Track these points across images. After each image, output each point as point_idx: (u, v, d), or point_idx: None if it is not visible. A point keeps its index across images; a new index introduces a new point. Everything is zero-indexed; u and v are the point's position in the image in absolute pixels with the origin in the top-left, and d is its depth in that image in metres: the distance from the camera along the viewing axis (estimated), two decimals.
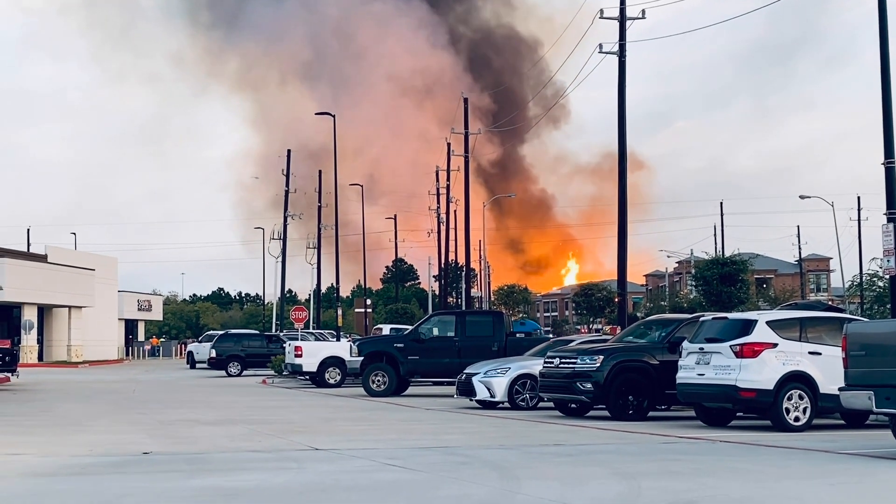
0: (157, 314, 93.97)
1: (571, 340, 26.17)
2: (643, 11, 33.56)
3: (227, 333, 53.86)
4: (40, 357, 63.68)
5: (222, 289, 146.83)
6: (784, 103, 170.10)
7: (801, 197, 71.01)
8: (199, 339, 66.76)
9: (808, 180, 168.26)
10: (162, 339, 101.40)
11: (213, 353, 47.98)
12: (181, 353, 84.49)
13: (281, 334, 50.98)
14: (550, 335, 48.58)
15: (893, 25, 23.46)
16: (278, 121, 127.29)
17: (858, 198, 78.11)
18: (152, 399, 28.97)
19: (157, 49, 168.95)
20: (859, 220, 77.13)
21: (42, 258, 67.26)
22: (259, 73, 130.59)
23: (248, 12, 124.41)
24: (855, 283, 77.63)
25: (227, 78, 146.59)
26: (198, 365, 59.80)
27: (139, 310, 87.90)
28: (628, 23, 33.09)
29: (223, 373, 46.60)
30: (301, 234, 75.21)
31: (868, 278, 70.08)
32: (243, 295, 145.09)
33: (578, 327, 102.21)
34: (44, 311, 65.76)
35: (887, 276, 26.09)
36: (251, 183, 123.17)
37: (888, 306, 34.74)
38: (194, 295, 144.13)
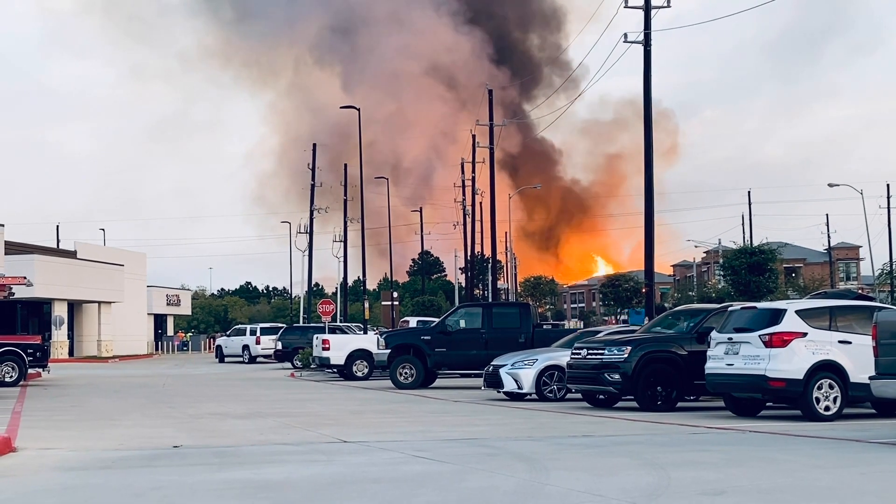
0: (185, 309, 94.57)
1: (599, 331, 26.10)
2: (668, 0, 33.40)
3: (292, 326, 54.87)
4: (71, 352, 64.25)
5: (250, 283, 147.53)
6: (812, 91, 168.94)
7: (830, 185, 70.50)
8: (228, 333, 67.12)
9: (837, 168, 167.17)
10: (190, 334, 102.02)
11: (279, 346, 50.05)
12: (210, 348, 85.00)
13: (350, 326, 51.10)
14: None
15: None
16: (298, 110, 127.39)
17: (888, 185, 77.51)
18: (182, 393, 29.16)
19: (176, 44, 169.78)
20: (889, 207, 76.50)
21: (71, 254, 67.80)
22: (277, 62, 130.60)
23: (264, 3, 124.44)
24: (885, 272, 77.10)
25: (245, 69, 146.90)
26: (227, 359, 60.18)
27: (168, 304, 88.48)
28: (653, 12, 32.94)
29: (285, 364, 48.90)
30: (327, 229, 75.46)
31: None
32: (271, 289, 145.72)
33: (606, 318, 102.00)
34: (74, 306, 66.33)
35: None
36: (274, 177, 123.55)
37: None
38: (222, 289, 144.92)
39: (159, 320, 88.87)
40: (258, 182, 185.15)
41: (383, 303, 72.58)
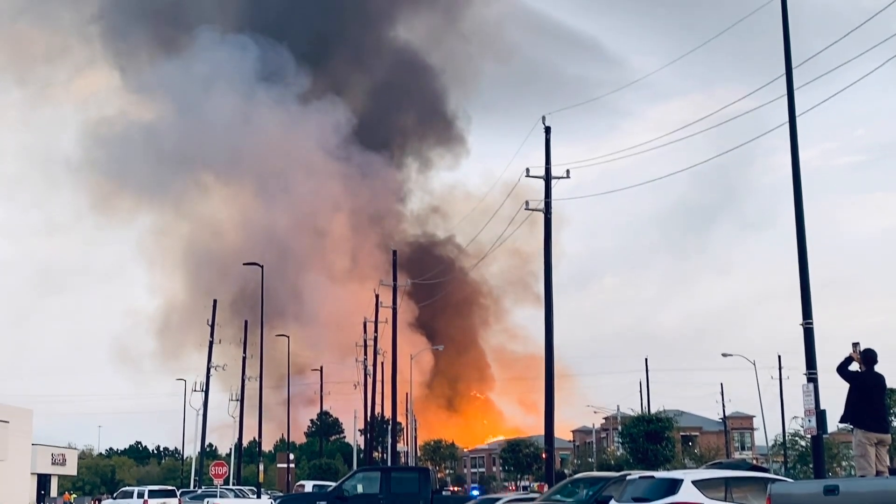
0: (71, 469, 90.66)
1: (499, 498, 25.78)
2: (567, 171, 34.66)
3: (182, 490, 52.42)
4: None
5: (140, 442, 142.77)
6: (705, 263, 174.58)
7: (724, 355, 72.04)
8: (114, 495, 64.33)
9: (732, 338, 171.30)
10: (75, 496, 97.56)
11: None
12: None
13: (243, 489, 49.21)
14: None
15: (808, 191, 24.43)
16: (200, 262, 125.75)
17: (779, 357, 79.43)
18: None
19: (53, 199, 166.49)
20: (780, 379, 78.26)
21: None
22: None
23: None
24: (778, 442, 78.31)
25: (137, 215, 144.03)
26: None
27: (53, 464, 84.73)
28: (553, 182, 34.06)
29: None
30: (224, 386, 73.91)
31: (791, 437, 70.61)
32: (162, 449, 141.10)
33: (506, 484, 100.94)
34: None
35: (809, 436, 26.35)
36: (171, 331, 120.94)
37: (811, 466, 34.98)
38: (111, 449, 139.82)
39: (43, 481, 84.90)
40: (153, 337, 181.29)
41: (279, 465, 70.86)
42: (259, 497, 41.12)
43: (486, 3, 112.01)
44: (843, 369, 17.01)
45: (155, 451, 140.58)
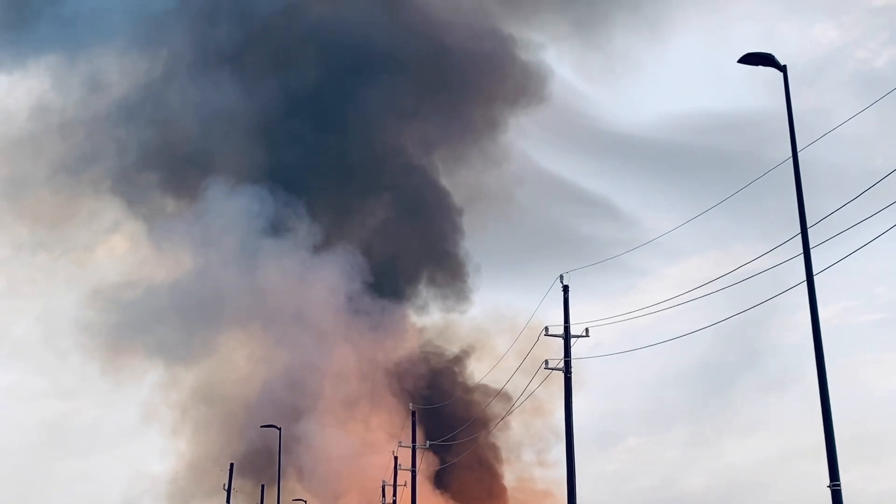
0: None
1: None
2: (587, 330, 34.49)
3: None
4: None
5: None
6: (730, 423, 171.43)
7: None
8: None
9: (758, 501, 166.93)
10: None
11: None
12: None
13: None
14: None
15: (829, 348, 24.22)
16: (212, 421, 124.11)
17: None
18: None
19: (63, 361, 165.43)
20: None
21: None
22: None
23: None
24: None
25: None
26: None
27: None
28: (573, 340, 33.90)
29: None
30: None
31: None
32: None
33: None
34: None
35: None
36: (182, 493, 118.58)
37: None
38: None
39: None
40: (164, 501, 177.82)
41: None
42: None
43: (498, 163, 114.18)
44: None
45: None
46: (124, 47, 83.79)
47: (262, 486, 63.52)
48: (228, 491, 64.52)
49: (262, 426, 54.56)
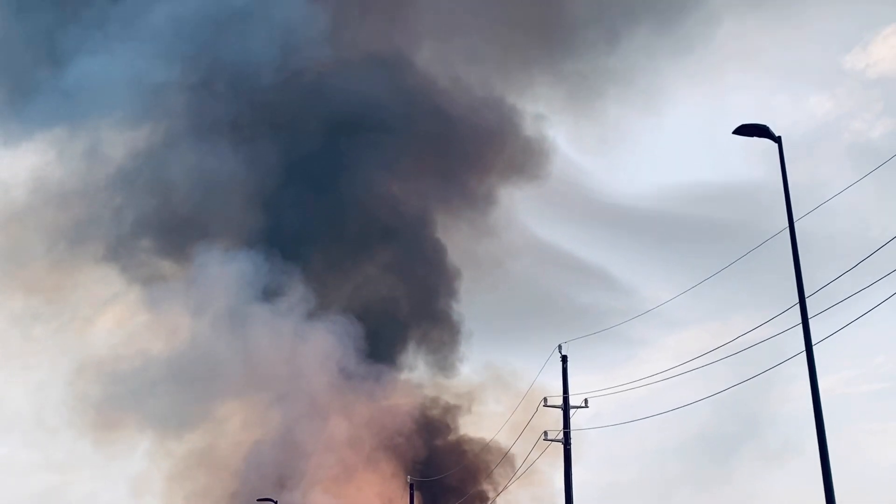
0: None
1: None
2: (585, 401, 34.34)
3: None
4: None
5: None
6: (730, 495, 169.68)
7: None
8: None
9: None
10: None
11: None
12: None
13: None
14: None
15: (830, 419, 24.06)
16: (206, 492, 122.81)
17: None
18: None
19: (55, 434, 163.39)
20: None
21: None
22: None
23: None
24: None
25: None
26: None
27: None
28: (572, 411, 33.71)
29: None
30: None
31: None
32: None
33: None
34: None
35: None
36: None
37: None
38: None
39: None
40: None
41: None
42: None
43: (493, 231, 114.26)
44: None
45: None
46: (124, 118, 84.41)
47: None
48: None
49: (258, 500, 53.82)
